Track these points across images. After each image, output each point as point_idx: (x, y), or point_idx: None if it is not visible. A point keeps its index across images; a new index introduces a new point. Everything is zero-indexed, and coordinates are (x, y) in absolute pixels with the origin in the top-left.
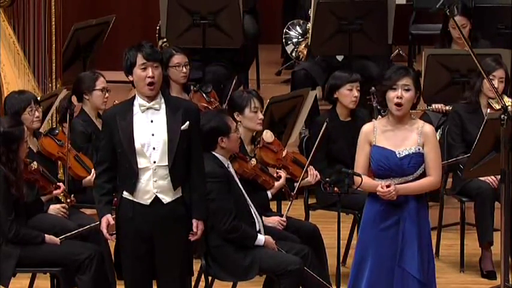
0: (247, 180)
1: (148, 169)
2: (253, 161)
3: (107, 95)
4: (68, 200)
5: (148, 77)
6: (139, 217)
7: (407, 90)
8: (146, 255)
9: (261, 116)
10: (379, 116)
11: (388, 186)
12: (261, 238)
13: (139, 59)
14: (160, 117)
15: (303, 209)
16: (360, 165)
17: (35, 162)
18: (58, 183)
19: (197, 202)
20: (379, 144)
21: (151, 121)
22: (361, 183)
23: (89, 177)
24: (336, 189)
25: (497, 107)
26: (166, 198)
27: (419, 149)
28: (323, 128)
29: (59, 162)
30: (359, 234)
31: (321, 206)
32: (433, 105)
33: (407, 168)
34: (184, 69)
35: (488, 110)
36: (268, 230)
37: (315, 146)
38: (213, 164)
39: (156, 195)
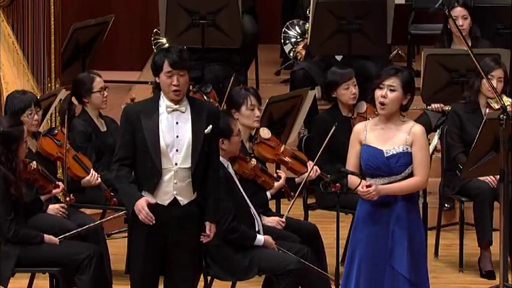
0: (246, 181)
1: (170, 170)
2: (253, 162)
3: (105, 93)
4: (67, 199)
5: (173, 85)
6: (155, 217)
7: (393, 90)
8: (158, 253)
9: (258, 113)
10: None
11: (368, 186)
12: (260, 238)
13: (166, 66)
14: (185, 119)
15: (302, 208)
16: (350, 164)
17: (34, 162)
18: (57, 183)
19: (211, 205)
20: (368, 143)
21: (177, 123)
22: (359, 184)
23: (87, 178)
24: (337, 185)
25: (496, 106)
26: (184, 200)
27: (407, 149)
28: (331, 131)
29: (58, 162)
30: (351, 234)
31: (321, 206)
32: (432, 105)
33: (395, 168)
34: None
35: (487, 110)
36: (267, 230)
37: (322, 148)
38: None
39: (175, 197)
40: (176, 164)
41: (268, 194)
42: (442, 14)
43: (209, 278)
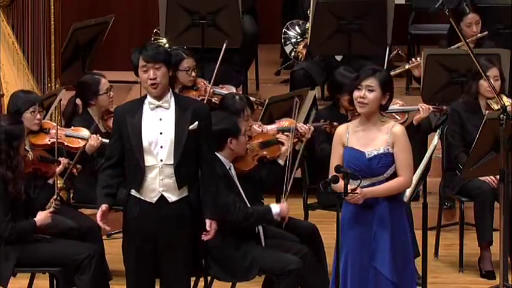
0: (247, 182)
1: (155, 167)
2: (251, 146)
3: (111, 94)
4: (75, 170)
5: (150, 78)
6: (144, 215)
7: (371, 91)
8: (150, 254)
9: (251, 122)
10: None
11: (354, 191)
12: (276, 208)
13: (141, 62)
14: (169, 115)
15: (302, 209)
16: (333, 167)
17: (30, 153)
18: (58, 159)
19: (209, 202)
20: (350, 145)
21: (160, 119)
22: (357, 186)
23: (88, 143)
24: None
25: (496, 107)
26: (171, 197)
27: (388, 149)
28: (321, 122)
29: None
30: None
31: (321, 206)
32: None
33: (377, 169)
34: (193, 73)
35: (487, 112)
36: (268, 231)
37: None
38: None
39: (162, 194)
40: (161, 161)
41: (280, 161)
42: (442, 14)
43: (209, 278)
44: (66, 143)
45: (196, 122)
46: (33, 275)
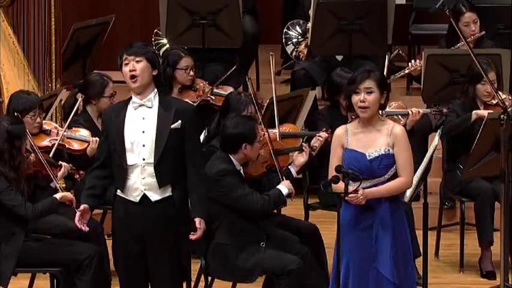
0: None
1: (137, 166)
2: (262, 153)
3: (113, 100)
4: (77, 176)
5: (130, 70)
6: (130, 215)
7: (370, 93)
8: (139, 256)
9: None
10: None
11: (355, 191)
12: (283, 189)
13: (124, 57)
14: (152, 114)
15: (303, 208)
16: (333, 169)
17: (32, 155)
18: (59, 163)
19: (196, 201)
20: (350, 147)
21: (143, 118)
22: (358, 186)
23: (90, 146)
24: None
25: (494, 102)
26: (154, 196)
27: (389, 150)
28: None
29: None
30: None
31: (322, 206)
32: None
33: (378, 170)
34: (191, 72)
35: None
36: (269, 234)
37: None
38: (225, 163)
39: (144, 193)
40: (144, 159)
41: (293, 171)
42: (442, 14)
43: (209, 278)
44: (67, 145)
45: (179, 121)
46: (34, 275)
